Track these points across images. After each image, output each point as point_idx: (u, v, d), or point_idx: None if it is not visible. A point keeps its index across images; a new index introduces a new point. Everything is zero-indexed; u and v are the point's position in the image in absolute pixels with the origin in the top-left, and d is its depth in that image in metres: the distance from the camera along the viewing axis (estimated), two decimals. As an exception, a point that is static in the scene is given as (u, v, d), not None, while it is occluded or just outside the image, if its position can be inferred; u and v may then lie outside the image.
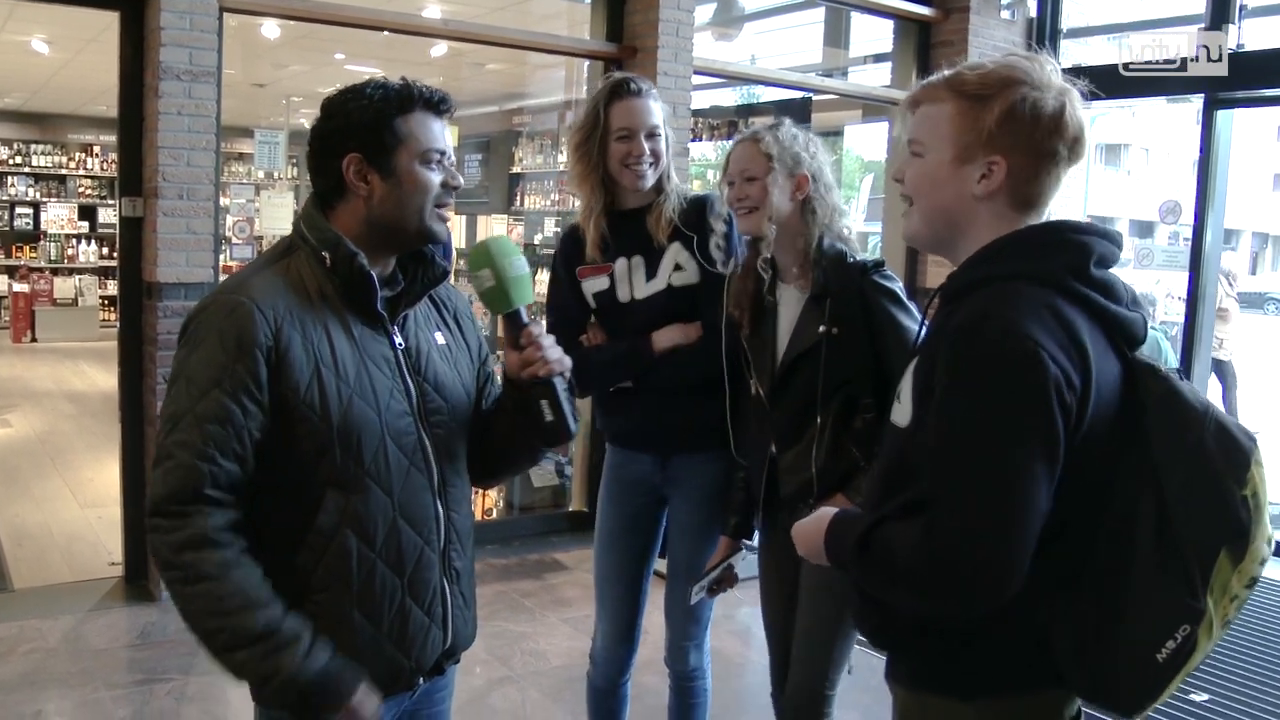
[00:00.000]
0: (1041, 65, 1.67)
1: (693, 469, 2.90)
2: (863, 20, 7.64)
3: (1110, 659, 1.57)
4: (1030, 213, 1.68)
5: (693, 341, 2.81)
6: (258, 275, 1.80)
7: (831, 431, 2.52)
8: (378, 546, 1.81)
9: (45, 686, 3.99)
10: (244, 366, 1.70)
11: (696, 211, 2.84)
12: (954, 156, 1.67)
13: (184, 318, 1.80)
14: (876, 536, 1.61)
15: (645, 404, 2.87)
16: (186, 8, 4.54)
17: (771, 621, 2.85)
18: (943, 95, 1.69)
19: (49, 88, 12.38)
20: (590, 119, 2.81)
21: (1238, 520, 1.52)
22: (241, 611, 1.68)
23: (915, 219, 1.75)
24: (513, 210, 8.94)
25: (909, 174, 1.74)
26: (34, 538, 5.85)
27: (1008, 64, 1.67)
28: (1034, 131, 1.63)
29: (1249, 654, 4.60)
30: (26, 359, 12.69)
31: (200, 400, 1.69)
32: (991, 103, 1.63)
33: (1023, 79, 1.64)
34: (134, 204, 4.81)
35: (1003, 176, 1.64)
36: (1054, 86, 1.65)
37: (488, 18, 6.67)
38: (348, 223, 1.84)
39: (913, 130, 1.74)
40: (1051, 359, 1.49)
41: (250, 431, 1.71)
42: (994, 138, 1.63)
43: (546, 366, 1.89)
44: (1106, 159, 30.58)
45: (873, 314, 2.51)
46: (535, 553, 5.89)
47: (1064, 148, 1.65)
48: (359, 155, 1.80)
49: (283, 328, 1.73)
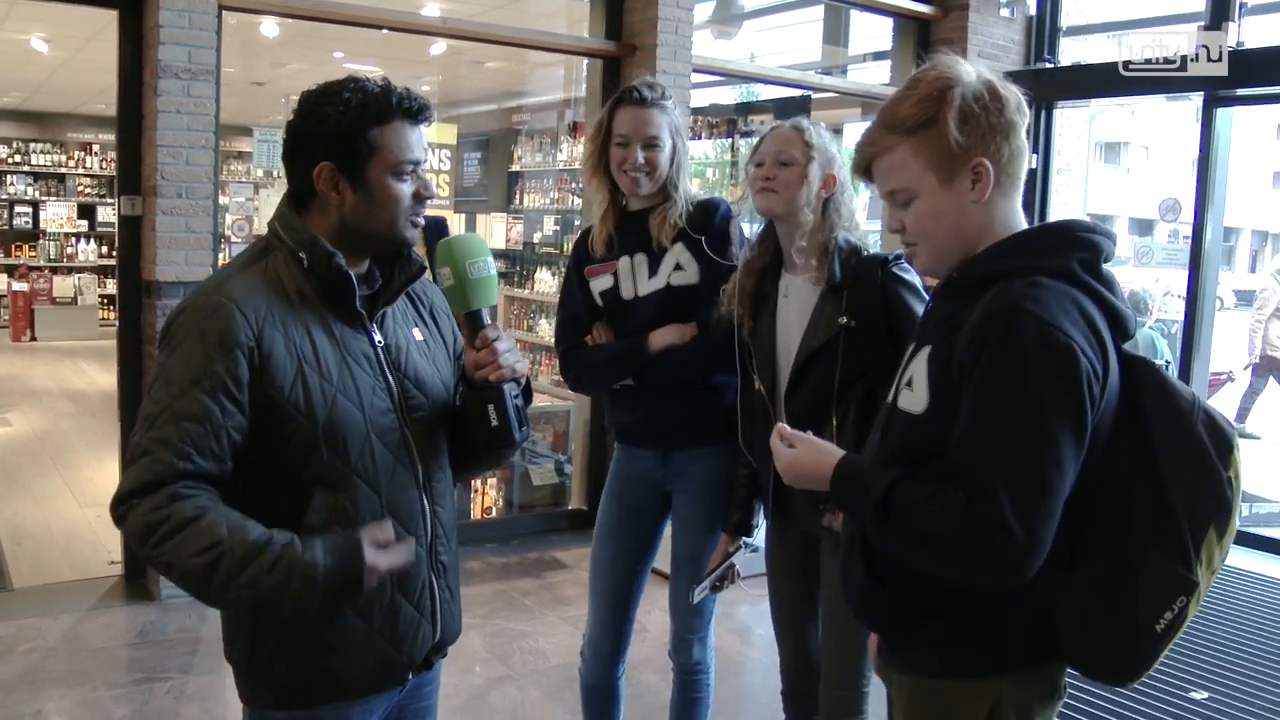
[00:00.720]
0: (950, 63, 1.73)
1: (693, 464, 2.93)
2: (862, 18, 7.64)
3: (1113, 631, 1.65)
4: (1015, 192, 1.76)
5: (687, 341, 2.85)
6: (237, 276, 1.79)
7: (853, 429, 2.47)
8: None
9: (44, 686, 3.99)
10: (224, 366, 1.68)
11: (702, 214, 2.88)
12: (940, 182, 1.71)
13: (166, 318, 1.78)
14: (900, 495, 1.64)
15: (646, 401, 2.92)
16: (185, 6, 4.54)
17: (787, 625, 2.83)
18: (891, 142, 1.74)
19: (48, 86, 12.37)
20: (598, 122, 2.89)
21: (1224, 498, 1.64)
22: (234, 534, 1.63)
23: (927, 256, 1.79)
24: (512, 208, 8.94)
25: (908, 221, 1.77)
26: (33, 537, 5.85)
27: (926, 81, 1.72)
28: (989, 118, 1.69)
29: (1249, 652, 4.60)
30: (26, 358, 12.69)
31: (178, 398, 1.67)
32: (939, 119, 1.68)
33: (947, 83, 1.69)
34: (133, 202, 4.81)
35: (991, 172, 1.69)
36: (971, 72, 1.72)
37: (486, 15, 6.67)
38: (321, 226, 1.83)
39: (886, 183, 1.77)
40: (1082, 352, 1.57)
41: (229, 431, 1.70)
42: (965, 145, 1.68)
43: (498, 371, 1.89)
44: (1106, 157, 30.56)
45: (893, 306, 2.50)
46: (535, 551, 5.89)
47: (1017, 116, 1.72)
48: (330, 164, 1.78)
49: (265, 329, 1.73)
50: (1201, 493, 1.63)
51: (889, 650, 1.89)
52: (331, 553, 1.67)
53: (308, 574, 1.64)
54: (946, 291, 1.77)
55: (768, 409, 2.66)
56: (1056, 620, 1.69)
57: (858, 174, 1.84)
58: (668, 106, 2.86)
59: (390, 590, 1.85)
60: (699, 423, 2.90)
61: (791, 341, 2.62)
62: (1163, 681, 4.18)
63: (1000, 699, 1.72)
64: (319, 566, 1.65)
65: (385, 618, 1.86)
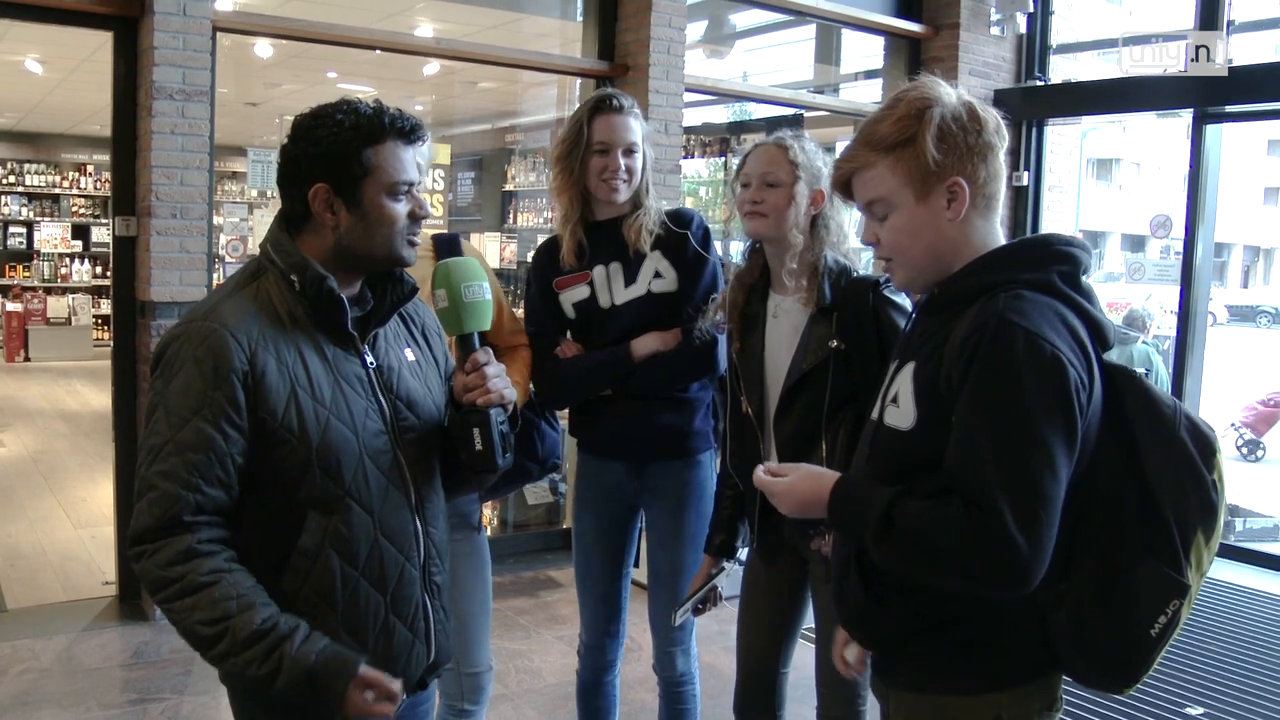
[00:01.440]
0: (928, 85, 1.75)
1: (668, 477, 2.94)
2: (854, 37, 7.68)
3: (1108, 638, 1.66)
4: (993, 213, 1.78)
5: (671, 347, 2.85)
6: (228, 300, 1.79)
7: (843, 452, 2.45)
8: (360, 565, 1.82)
9: (39, 707, 3.97)
10: (223, 393, 1.70)
11: (677, 222, 2.89)
12: (915, 198, 1.73)
13: (157, 344, 1.79)
14: (902, 513, 1.65)
15: (622, 412, 2.90)
16: (179, 27, 4.56)
17: (751, 646, 2.79)
18: (870, 158, 1.77)
19: (42, 107, 12.40)
20: (573, 132, 2.85)
21: (1210, 501, 1.67)
22: (242, 613, 1.68)
23: (903, 271, 1.82)
24: (506, 228, 8.95)
25: (883, 235, 1.79)
26: (27, 558, 5.83)
27: (905, 100, 1.75)
28: (968, 139, 1.71)
29: (1245, 667, 4.60)
30: (20, 378, 12.67)
31: (181, 429, 1.69)
32: (919, 137, 1.71)
33: (926, 103, 1.72)
34: (127, 223, 4.81)
35: (967, 192, 1.71)
36: (951, 95, 1.74)
37: (480, 36, 6.69)
38: (315, 248, 1.83)
39: (864, 195, 1.80)
40: (1070, 363, 1.59)
41: (233, 457, 1.72)
42: (942, 163, 1.71)
43: (485, 396, 1.90)
44: (1098, 174, 30.68)
45: (884, 329, 2.48)
46: (530, 570, 5.89)
47: (996, 138, 1.74)
48: (326, 186, 1.79)
49: (257, 352, 1.74)
50: (1188, 497, 1.65)
51: (885, 667, 1.89)
52: (325, 662, 1.71)
53: (295, 675, 1.69)
54: (928, 308, 1.79)
55: (755, 431, 2.64)
56: (1051, 630, 1.70)
57: (837, 189, 1.86)
58: (639, 115, 2.88)
59: (384, 612, 1.86)
60: (673, 435, 2.91)
61: (780, 363, 2.60)
62: (1159, 697, 4.18)
63: (1001, 714, 1.73)
64: (307, 671, 1.69)
65: (379, 639, 1.86)
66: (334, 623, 1.80)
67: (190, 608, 1.67)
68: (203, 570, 1.67)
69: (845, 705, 2.64)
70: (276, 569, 1.77)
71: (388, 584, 1.86)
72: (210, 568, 1.68)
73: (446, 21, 7.02)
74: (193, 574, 1.67)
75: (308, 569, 1.78)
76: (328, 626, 1.78)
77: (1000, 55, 7.23)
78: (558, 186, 2.89)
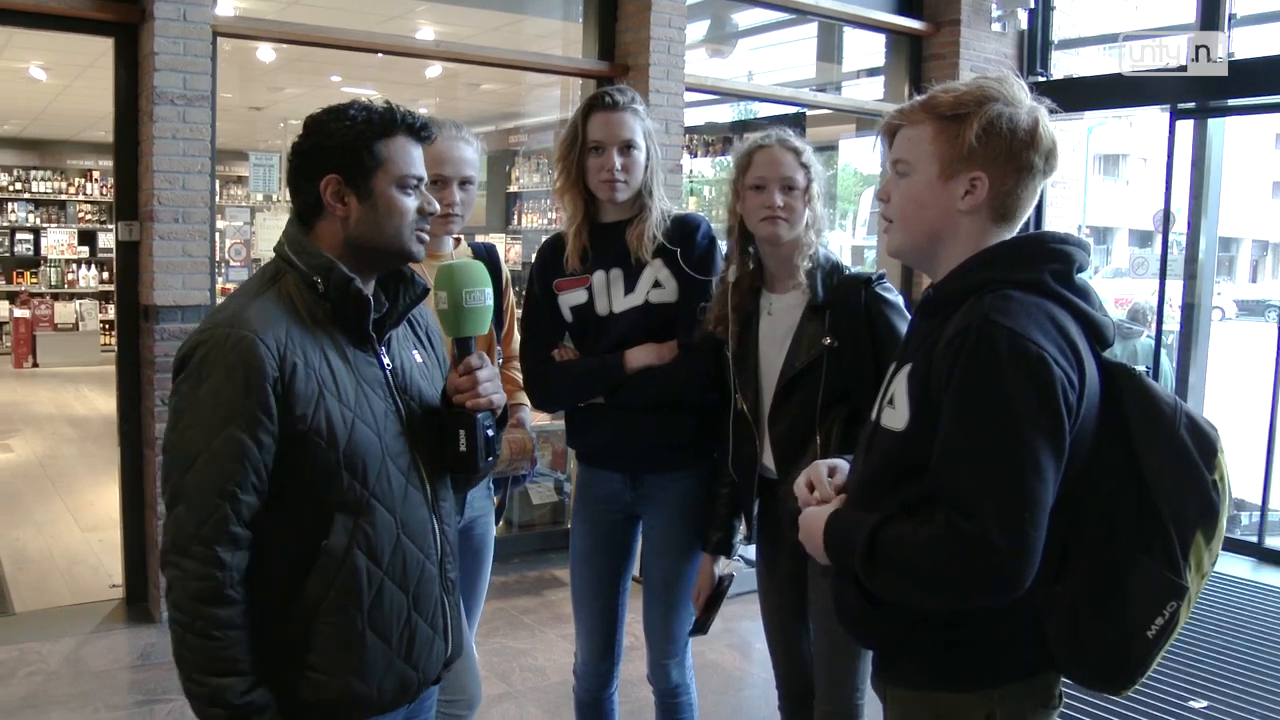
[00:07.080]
0: (1010, 84, 1.74)
1: (666, 488, 2.86)
2: (855, 35, 7.68)
3: (1104, 639, 1.65)
4: (1007, 226, 1.77)
5: (666, 362, 2.77)
6: (253, 304, 1.80)
7: (837, 448, 2.44)
8: (385, 565, 1.84)
9: (46, 709, 3.99)
10: (255, 401, 1.72)
11: (681, 229, 2.81)
12: (939, 174, 1.73)
13: (180, 348, 1.80)
14: (883, 540, 1.65)
15: (616, 421, 2.83)
16: (180, 33, 4.58)
17: (779, 638, 2.83)
18: (920, 118, 1.76)
19: (47, 114, 12.45)
20: (571, 132, 2.80)
21: (1210, 502, 1.65)
22: (226, 676, 1.72)
23: (899, 236, 1.82)
24: (510, 229, 8.97)
25: (895, 194, 1.80)
26: (35, 561, 5.86)
27: (979, 84, 1.74)
28: (1012, 145, 1.71)
29: (1247, 661, 4.59)
30: (28, 384, 12.71)
31: (215, 437, 1.71)
32: (969, 120, 1.70)
33: (995, 96, 1.71)
34: (130, 228, 4.83)
35: (986, 191, 1.71)
36: (1025, 103, 1.73)
37: (481, 38, 6.70)
38: (328, 242, 1.85)
39: (897, 151, 1.80)
40: (1055, 363, 1.58)
41: (265, 464, 1.74)
42: (975, 153, 1.70)
43: (475, 400, 1.93)
44: (1105, 169, 30.61)
45: (877, 326, 2.49)
46: (534, 570, 5.90)
47: (1040, 160, 1.74)
48: (337, 176, 1.82)
49: (286, 357, 1.75)
50: (1187, 497, 1.64)
51: (882, 664, 1.90)
52: None
53: None
54: (925, 309, 1.79)
55: (751, 428, 2.64)
56: (1047, 630, 1.70)
57: (884, 134, 1.84)
58: (640, 111, 2.80)
59: (407, 610, 1.89)
60: (671, 445, 2.82)
61: (774, 360, 2.60)
62: (1162, 690, 4.18)
63: (994, 710, 1.73)
64: None
65: (403, 637, 1.89)
66: (360, 623, 1.82)
67: (192, 648, 1.72)
68: (219, 620, 1.71)
69: (842, 702, 2.64)
70: (303, 570, 1.79)
71: (410, 582, 1.89)
72: (225, 619, 1.72)
73: (448, 24, 7.04)
74: (210, 623, 1.71)
75: (335, 570, 1.79)
76: (354, 627, 1.81)
77: (1001, 51, 7.22)
78: (560, 188, 2.84)
